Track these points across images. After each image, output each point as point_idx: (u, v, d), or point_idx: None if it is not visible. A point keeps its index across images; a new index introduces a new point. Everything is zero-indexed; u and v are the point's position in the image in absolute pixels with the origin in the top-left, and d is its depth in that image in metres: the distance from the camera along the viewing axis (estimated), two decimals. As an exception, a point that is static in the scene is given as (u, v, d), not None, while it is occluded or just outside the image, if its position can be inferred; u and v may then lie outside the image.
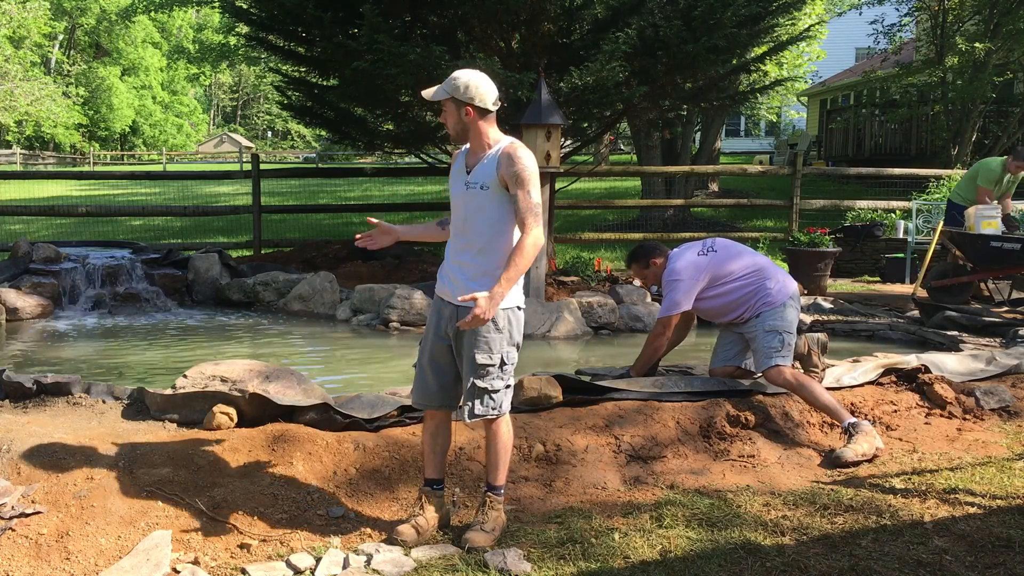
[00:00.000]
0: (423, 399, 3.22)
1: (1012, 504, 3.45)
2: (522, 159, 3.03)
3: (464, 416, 3.12)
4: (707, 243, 4.56)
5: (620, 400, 4.19)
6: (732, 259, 4.44)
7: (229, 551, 3.03)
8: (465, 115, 3.07)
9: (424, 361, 3.21)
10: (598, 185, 19.23)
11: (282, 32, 9.19)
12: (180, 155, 49.17)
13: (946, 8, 14.84)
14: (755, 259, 4.49)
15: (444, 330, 3.16)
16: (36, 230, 14.84)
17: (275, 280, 8.13)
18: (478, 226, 3.08)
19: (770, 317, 4.34)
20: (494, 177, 3.05)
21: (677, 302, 4.41)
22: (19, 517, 3.02)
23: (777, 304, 4.36)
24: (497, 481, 3.22)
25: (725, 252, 4.47)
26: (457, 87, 3.06)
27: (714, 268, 4.41)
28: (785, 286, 4.44)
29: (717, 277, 4.40)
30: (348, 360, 6.20)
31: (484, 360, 3.05)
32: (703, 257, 4.44)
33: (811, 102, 29.45)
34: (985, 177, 8.37)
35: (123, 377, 5.33)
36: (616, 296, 7.37)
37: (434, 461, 3.25)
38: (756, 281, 4.40)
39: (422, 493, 3.23)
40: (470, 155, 3.17)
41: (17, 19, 29.70)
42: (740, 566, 2.90)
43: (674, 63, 7.79)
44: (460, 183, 3.14)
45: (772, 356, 4.27)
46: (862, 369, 4.74)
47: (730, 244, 4.57)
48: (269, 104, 60.14)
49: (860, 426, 4.08)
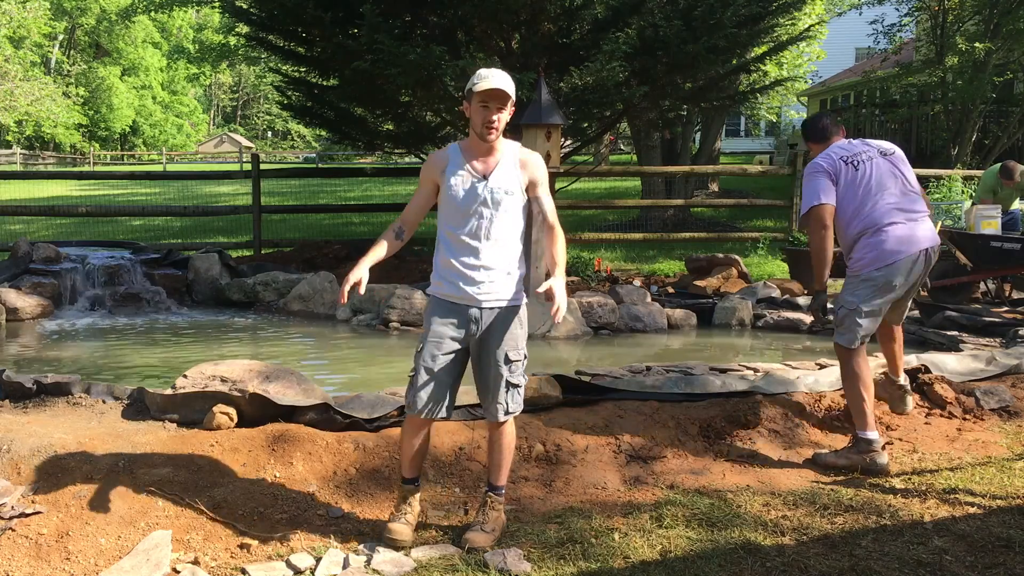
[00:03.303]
0: (434, 409, 3.11)
1: (1012, 504, 3.45)
2: (543, 162, 3.20)
3: (499, 415, 3.13)
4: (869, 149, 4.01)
5: (620, 400, 4.19)
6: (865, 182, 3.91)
7: (229, 551, 3.03)
8: (509, 115, 3.09)
9: (436, 369, 3.09)
10: (598, 185, 19.23)
11: (282, 32, 9.19)
12: (180, 155, 49.16)
13: (946, 8, 14.84)
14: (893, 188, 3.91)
15: (466, 335, 3.09)
16: (36, 230, 14.83)
17: (275, 280, 8.13)
18: (504, 229, 3.09)
19: (848, 284, 3.98)
20: (519, 181, 3.11)
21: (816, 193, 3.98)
22: (19, 517, 3.02)
23: (862, 272, 3.92)
24: (500, 481, 3.23)
25: (875, 168, 3.95)
26: (514, 86, 3.07)
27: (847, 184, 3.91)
28: (884, 250, 3.86)
29: (842, 197, 3.94)
30: (348, 360, 6.20)
31: (516, 356, 3.12)
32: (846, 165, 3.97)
33: (811, 102, 29.47)
34: (982, 187, 8.44)
35: (123, 377, 5.33)
36: (616, 296, 7.37)
37: (416, 462, 3.23)
38: (867, 221, 3.89)
39: (406, 492, 3.20)
40: (474, 159, 3.10)
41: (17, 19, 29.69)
42: (740, 566, 2.90)
43: (674, 63, 7.79)
44: (477, 190, 3.06)
45: (835, 330, 4.05)
46: (862, 369, 4.73)
47: (883, 162, 3.99)
48: (269, 104, 60.13)
49: (870, 447, 3.82)
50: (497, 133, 3.06)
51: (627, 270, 10.28)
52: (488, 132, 3.04)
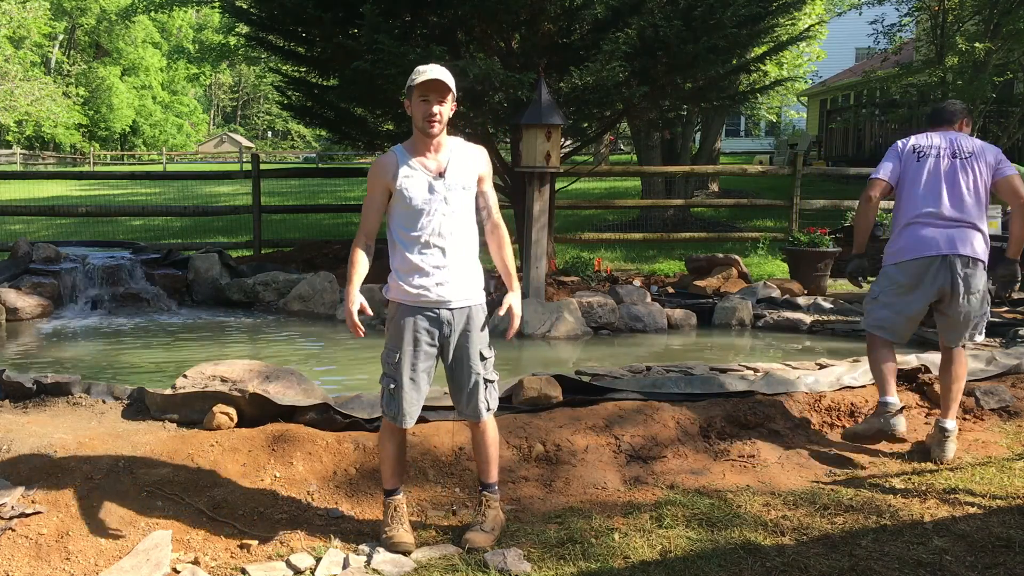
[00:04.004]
0: (412, 417, 3.10)
1: (1012, 504, 3.45)
2: (487, 156, 3.19)
3: (483, 414, 3.13)
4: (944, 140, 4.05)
5: (620, 400, 4.19)
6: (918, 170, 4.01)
7: (229, 551, 3.03)
8: (451, 110, 3.05)
9: (412, 377, 3.06)
10: (598, 185, 19.23)
11: (282, 32, 9.18)
12: (180, 155, 49.17)
13: (946, 8, 14.83)
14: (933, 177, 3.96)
15: (439, 336, 3.07)
16: (36, 230, 14.83)
17: (275, 280, 8.13)
18: (461, 225, 3.07)
19: (881, 274, 4.11)
20: (472, 176, 3.10)
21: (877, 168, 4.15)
22: (19, 517, 3.02)
23: (885, 263, 4.06)
24: (492, 479, 3.23)
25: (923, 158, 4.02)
26: (452, 79, 3.04)
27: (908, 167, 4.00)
28: (903, 247, 3.97)
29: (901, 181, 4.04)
30: (348, 360, 6.20)
31: (488, 353, 3.15)
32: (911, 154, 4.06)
33: (811, 102, 29.46)
34: None
35: (123, 377, 5.33)
36: (616, 296, 7.37)
37: (399, 470, 3.22)
38: (904, 215, 3.98)
39: (396, 502, 3.16)
40: (424, 158, 3.06)
41: (17, 19, 29.70)
42: (740, 566, 2.90)
43: (674, 63, 7.78)
44: (435, 188, 3.02)
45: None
46: (862, 369, 4.73)
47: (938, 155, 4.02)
48: (269, 104, 60.15)
49: (886, 409, 3.91)
50: (440, 127, 3.01)
51: (627, 270, 10.28)
52: (430, 126, 2.99)
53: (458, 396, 3.16)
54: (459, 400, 3.17)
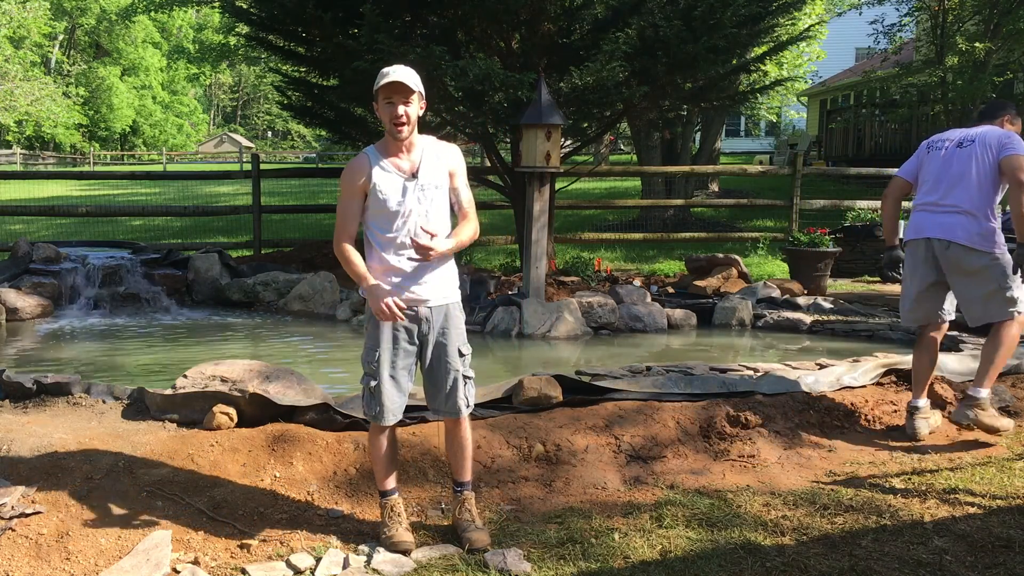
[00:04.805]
0: (395, 414, 3.11)
1: (1012, 504, 3.45)
2: (460, 153, 3.17)
3: (462, 411, 3.15)
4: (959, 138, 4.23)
5: (620, 400, 4.19)
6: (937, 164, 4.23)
7: (229, 551, 3.03)
8: (420, 109, 3.05)
9: (392, 375, 3.08)
10: (598, 185, 19.23)
11: (282, 32, 9.18)
12: (180, 155, 49.17)
13: (946, 8, 14.83)
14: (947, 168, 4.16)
15: (418, 334, 3.09)
16: (36, 230, 14.84)
17: (275, 280, 8.13)
18: (437, 224, 3.07)
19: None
20: (444, 173, 3.09)
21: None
22: (19, 517, 3.02)
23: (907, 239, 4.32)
24: (468, 476, 3.24)
25: (942, 153, 4.23)
26: (418, 79, 3.03)
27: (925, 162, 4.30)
28: (912, 225, 4.26)
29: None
30: (348, 360, 6.19)
31: (466, 350, 3.17)
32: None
33: (811, 102, 29.47)
34: None
35: (123, 377, 5.33)
36: (616, 296, 7.37)
37: (392, 469, 3.22)
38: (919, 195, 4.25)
39: (392, 502, 3.16)
40: (396, 159, 3.04)
41: (17, 19, 29.71)
42: (740, 566, 2.90)
43: (674, 63, 7.78)
44: (408, 189, 3.01)
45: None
46: (862, 369, 4.73)
47: (957, 150, 4.19)
48: (269, 104, 60.15)
49: (911, 415, 4.22)
50: (408, 128, 3.00)
51: (627, 270, 10.28)
52: (397, 128, 2.99)
53: (436, 394, 3.17)
54: (437, 398, 3.17)
